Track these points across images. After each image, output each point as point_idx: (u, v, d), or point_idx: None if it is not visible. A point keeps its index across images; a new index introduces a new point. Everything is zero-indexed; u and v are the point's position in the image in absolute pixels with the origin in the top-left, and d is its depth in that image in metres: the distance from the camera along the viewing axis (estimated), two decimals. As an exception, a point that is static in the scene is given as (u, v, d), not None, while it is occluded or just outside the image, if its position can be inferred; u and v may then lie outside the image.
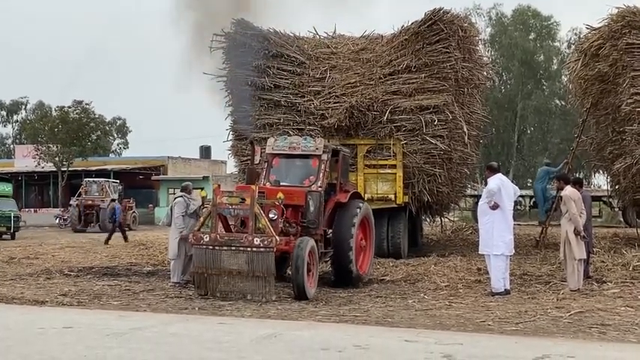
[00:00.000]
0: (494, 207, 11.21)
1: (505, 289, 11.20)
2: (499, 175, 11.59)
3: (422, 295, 11.37)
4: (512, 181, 12.68)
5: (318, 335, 8.04)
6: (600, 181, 33.73)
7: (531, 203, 30.81)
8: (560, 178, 13.44)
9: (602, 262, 13.92)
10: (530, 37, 48.28)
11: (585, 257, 11.73)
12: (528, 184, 40.36)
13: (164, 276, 13.60)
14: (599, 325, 8.72)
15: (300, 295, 10.79)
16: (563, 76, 40.63)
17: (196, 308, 10.16)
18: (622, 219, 27.84)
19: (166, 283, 12.76)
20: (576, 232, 11.39)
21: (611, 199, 26.51)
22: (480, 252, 11.80)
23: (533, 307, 10.03)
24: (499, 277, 11.17)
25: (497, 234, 11.19)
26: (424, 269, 13.91)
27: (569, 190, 11.80)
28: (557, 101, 46.28)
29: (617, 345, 7.68)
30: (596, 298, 10.69)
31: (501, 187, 11.26)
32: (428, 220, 21.24)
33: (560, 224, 12.15)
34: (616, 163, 16.47)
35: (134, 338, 7.79)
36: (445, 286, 12.13)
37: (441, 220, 21.76)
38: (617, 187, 18.29)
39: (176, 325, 8.66)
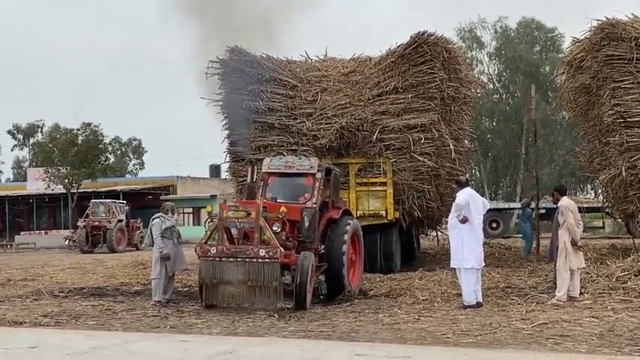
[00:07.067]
0: (463, 221, 11.33)
1: (477, 302, 11.26)
2: (468, 189, 11.74)
3: (395, 309, 11.43)
4: (521, 194, 12.74)
5: (271, 351, 8.18)
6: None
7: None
8: (557, 190, 13.35)
9: (587, 273, 13.90)
10: (536, 49, 48.32)
11: (583, 266, 11.99)
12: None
13: (149, 295, 13.77)
14: (557, 336, 8.73)
15: (301, 305, 11.27)
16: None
17: (168, 327, 10.30)
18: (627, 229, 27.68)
19: (149, 302, 12.95)
20: (573, 243, 11.52)
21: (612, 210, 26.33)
22: (450, 266, 11.93)
23: (499, 319, 10.06)
24: (470, 290, 11.26)
25: (466, 248, 11.30)
26: (408, 284, 14.00)
27: (565, 201, 11.90)
28: (564, 113, 46.15)
29: (564, 355, 7.71)
30: (566, 309, 10.71)
31: (470, 201, 11.39)
32: (424, 234, 21.53)
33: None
34: (601, 174, 16.53)
35: (92, 357, 7.97)
36: (423, 300, 12.20)
37: (437, 233, 22.03)
38: (607, 197, 18.35)
39: (138, 344, 8.83)
